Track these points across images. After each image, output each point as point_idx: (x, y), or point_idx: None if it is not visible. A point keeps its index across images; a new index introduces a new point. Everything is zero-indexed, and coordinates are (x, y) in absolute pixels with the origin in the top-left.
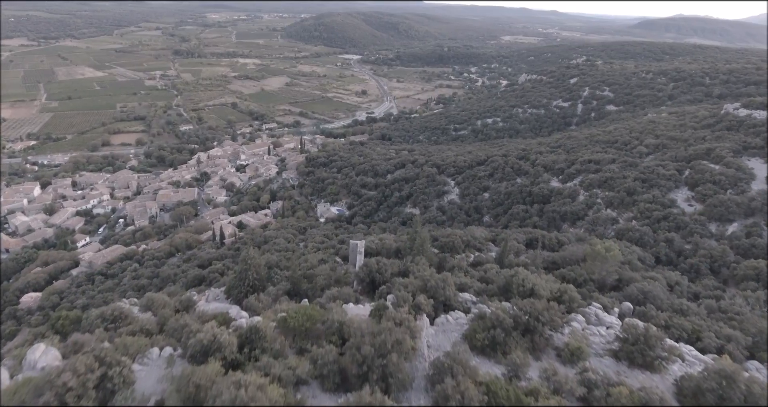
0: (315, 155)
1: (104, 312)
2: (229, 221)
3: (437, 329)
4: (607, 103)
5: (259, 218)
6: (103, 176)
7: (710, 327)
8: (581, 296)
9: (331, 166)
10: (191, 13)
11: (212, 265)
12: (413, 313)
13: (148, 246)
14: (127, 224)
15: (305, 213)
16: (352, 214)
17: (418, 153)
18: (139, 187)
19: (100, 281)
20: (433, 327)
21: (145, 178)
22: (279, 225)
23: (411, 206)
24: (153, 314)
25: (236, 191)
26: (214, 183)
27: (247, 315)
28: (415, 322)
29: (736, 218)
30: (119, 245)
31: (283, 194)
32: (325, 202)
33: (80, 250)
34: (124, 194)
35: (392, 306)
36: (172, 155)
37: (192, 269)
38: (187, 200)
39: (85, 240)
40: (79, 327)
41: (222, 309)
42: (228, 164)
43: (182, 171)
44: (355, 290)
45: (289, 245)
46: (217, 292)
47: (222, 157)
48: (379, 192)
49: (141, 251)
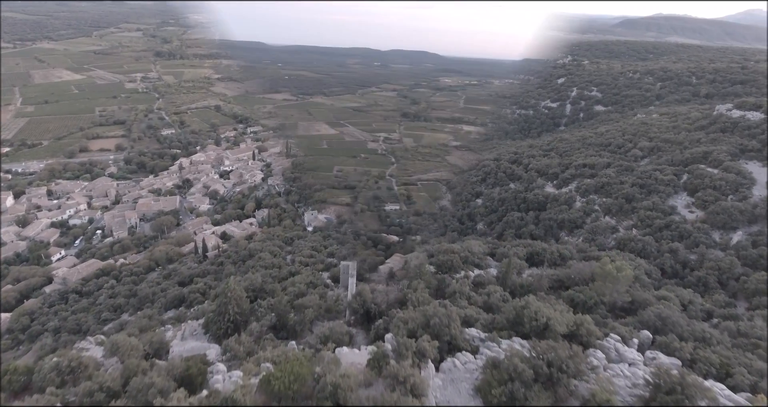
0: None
1: (60, 363)
2: (213, 231)
3: (444, 378)
4: (595, 103)
5: (243, 228)
6: (81, 184)
7: (739, 360)
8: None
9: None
10: (173, 14)
11: (194, 283)
12: (417, 361)
13: (126, 260)
14: (105, 236)
15: (292, 222)
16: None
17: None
18: (118, 195)
19: (75, 300)
20: (439, 374)
21: (125, 186)
22: (265, 236)
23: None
24: (119, 360)
25: (220, 199)
26: (197, 191)
27: (225, 368)
28: (420, 375)
29: (739, 225)
30: (96, 260)
31: (269, 202)
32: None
33: (55, 265)
34: (102, 203)
35: (392, 353)
36: (153, 160)
37: (172, 287)
38: (169, 209)
39: (60, 254)
40: (31, 380)
41: (199, 349)
42: (212, 171)
43: (164, 178)
44: (348, 321)
45: (276, 259)
46: (195, 326)
47: (205, 162)
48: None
49: (119, 265)
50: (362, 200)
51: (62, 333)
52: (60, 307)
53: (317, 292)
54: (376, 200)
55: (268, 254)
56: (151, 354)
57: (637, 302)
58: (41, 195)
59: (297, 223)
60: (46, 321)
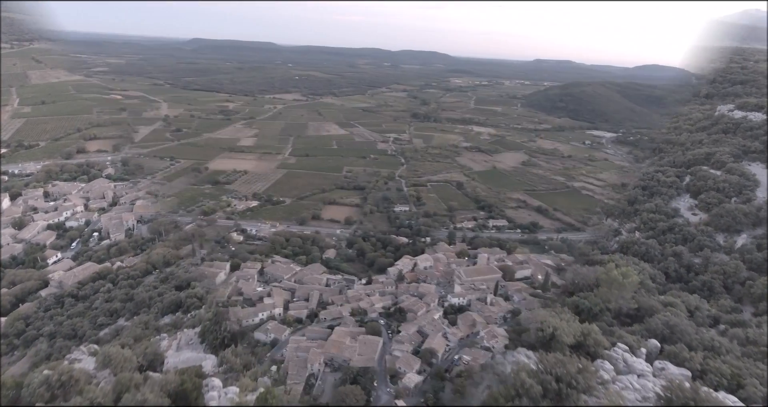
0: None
1: (50, 377)
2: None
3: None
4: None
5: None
6: (78, 186)
7: (750, 370)
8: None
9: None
10: (436, 77)
11: (191, 287)
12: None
13: (123, 263)
14: (101, 238)
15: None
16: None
17: None
18: (115, 197)
19: (71, 303)
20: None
21: (122, 187)
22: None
23: None
24: (112, 372)
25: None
26: (406, 339)
27: (221, 383)
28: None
29: (744, 228)
30: (92, 263)
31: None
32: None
33: (51, 268)
34: (99, 205)
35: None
36: (375, 250)
37: (168, 291)
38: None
39: (56, 257)
40: (20, 395)
41: (195, 360)
42: (435, 298)
43: (373, 297)
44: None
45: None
46: (191, 335)
47: (429, 278)
48: None
49: (115, 268)
50: (372, 200)
51: (57, 338)
52: (55, 311)
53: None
54: (386, 201)
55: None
56: (144, 365)
57: (643, 309)
58: (38, 197)
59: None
60: (41, 325)
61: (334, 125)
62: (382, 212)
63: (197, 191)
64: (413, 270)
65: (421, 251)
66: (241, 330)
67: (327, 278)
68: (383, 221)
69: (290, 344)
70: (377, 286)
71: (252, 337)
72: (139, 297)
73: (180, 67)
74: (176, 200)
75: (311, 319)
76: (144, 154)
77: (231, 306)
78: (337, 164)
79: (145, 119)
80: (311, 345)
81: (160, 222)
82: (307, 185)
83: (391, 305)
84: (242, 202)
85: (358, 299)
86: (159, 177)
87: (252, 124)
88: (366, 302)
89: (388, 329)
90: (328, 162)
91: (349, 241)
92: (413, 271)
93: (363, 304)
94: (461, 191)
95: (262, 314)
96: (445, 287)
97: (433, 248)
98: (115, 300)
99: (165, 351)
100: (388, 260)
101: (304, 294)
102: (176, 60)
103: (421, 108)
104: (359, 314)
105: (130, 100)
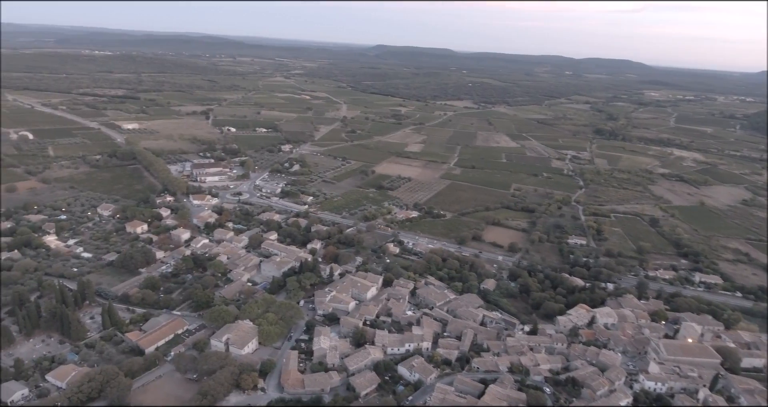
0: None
1: None
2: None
3: None
4: None
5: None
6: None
7: None
8: None
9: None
10: (626, 89)
11: None
12: None
13: None
14: None
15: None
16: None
17: None
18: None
19: None
20: None
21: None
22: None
23: None
24: None
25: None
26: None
27: None
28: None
29: None
30: None
31: None
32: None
33: None
34: None
35: None
36: (543, 290)
37: None
38: None
39: None
40: None
41: None
42: (621, 375)
43: (538, 353)
44: None
45: None
46: None
47: (613, 342)
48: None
49: None
50: (541, 227)
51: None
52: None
53: None
54: (558, 229)
55: None
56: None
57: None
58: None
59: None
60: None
61: (504, 137)
62: (553, 242)
63: (362, 194)
64: (591, 326)
65: (600, 302)
66: (384, 359)
67: (483, 314)
68: (553, 253)
69: (436, 392)
70: (544, 339)
71: (395, 370)
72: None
73: (362, 71)
74: (342, 200)
75: (461, 364)
76: (321, 152)
77: (378, 327)
78: (505, 179)
79: (326, 119)
80: (460, 400)
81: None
82: (470, 199)
83: (561, 369)
84: (403, 211)
85: (519, 351)
86: (329, 176)
87: (421, 130)
88: (528, 359)
89: (555, 402)
90: (495, 177)
91: (512, 272)
92: (591, 327)
93: (525, 360)
94: (655, 229)
95: (408, 345)
96: (634, 360)
97: (617, 301)
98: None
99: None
100: (558, 306)
101: (457, 330)
102: (359, 65)
103: (607, 123)
104: (519, 372)
105: (316, 101)
